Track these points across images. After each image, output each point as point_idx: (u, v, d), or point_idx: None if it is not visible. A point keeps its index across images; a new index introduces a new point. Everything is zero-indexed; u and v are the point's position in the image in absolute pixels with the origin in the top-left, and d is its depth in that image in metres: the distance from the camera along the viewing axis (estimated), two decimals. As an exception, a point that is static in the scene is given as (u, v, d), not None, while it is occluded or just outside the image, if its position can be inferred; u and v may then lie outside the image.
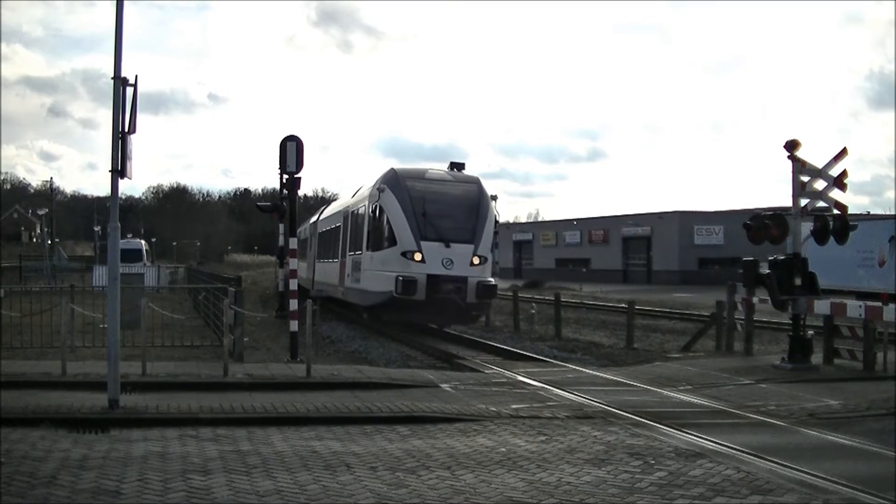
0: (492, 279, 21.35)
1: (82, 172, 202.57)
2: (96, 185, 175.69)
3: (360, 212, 24.34)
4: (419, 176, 22.37)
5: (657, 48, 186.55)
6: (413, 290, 19.89)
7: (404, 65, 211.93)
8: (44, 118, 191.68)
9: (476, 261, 20.78)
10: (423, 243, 20.48)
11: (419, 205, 20.97)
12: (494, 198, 22.42)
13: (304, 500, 6.82)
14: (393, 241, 20.96)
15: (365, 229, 22.88)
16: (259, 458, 8.20)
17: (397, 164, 25.90)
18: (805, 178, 15.73)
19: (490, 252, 21.51)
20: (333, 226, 29.64)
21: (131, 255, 44.94)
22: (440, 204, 21.34)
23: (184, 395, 11.24)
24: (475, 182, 22.67)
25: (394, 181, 21.81)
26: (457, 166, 23.46)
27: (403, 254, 20.57)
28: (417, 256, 20.43)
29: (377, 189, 21.75)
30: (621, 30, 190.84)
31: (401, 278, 19.96)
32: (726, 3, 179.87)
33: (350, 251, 25.06)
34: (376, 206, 21.74)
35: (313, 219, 38.20)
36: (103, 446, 8.58)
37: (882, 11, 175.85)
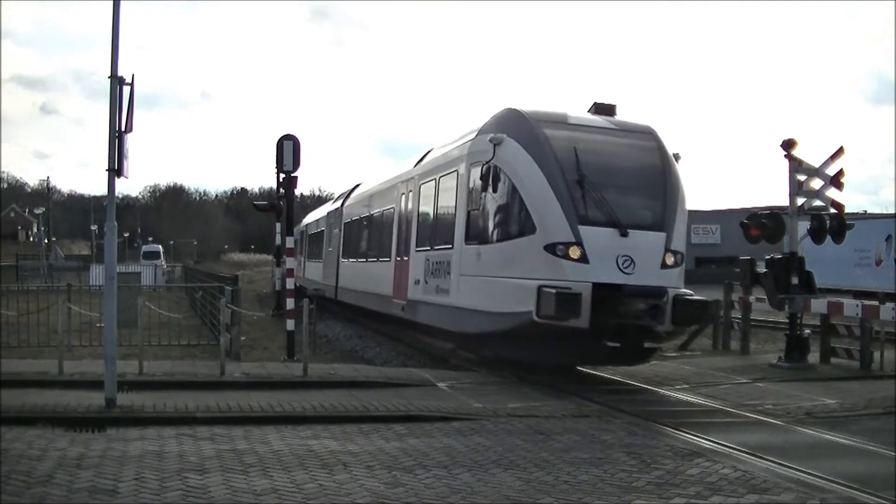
0: (690, 292, 13.20)
1: (75, 171, 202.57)
2: (90, 183, 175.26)
3: (442, 183, 16.09)
4: (559, 121, 13.94)
5: (654, 46, 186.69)
6: (573, 309, 11.90)
7: (400, 63, 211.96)
8: (36, 116, 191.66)
9: (670, 260, 12.93)
10: (582, 229, 12.43)
11: (570, 166, 12.86)
12: (677, 157, 14.11)
13: (301, 499, 6.82)
14: (526, 227, 12.89)
15: (460, 208, 14.59)
16: (256, 457, 8.19)
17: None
18: (802, 177, 15.75)
19: (685, 246, 13.70)
20: (375, 211, 21.72)
21: (153, 255, 63.58)
22: (604, 165, 13.28)
23: (180, 394, 11.23)
24: (650, 133, 14.23)
25: (521, 127, 13.55)
26: (604, 109, 14.75)
27: (549, 247, 12.47)
28: (575, 252, 12.34)
29: (490, 140, 13.45)
30: (619, 28, 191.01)
31: (551, 290, 11.90)
32: (724, 2, 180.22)
33: (419, 245, 16.85)
34: (489, 169, 13.44)
35: (332, 206, 30.66)
36: (100, 445, 8.57)
37: (881, 9, 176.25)
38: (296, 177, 16.56)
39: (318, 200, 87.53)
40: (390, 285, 18.62)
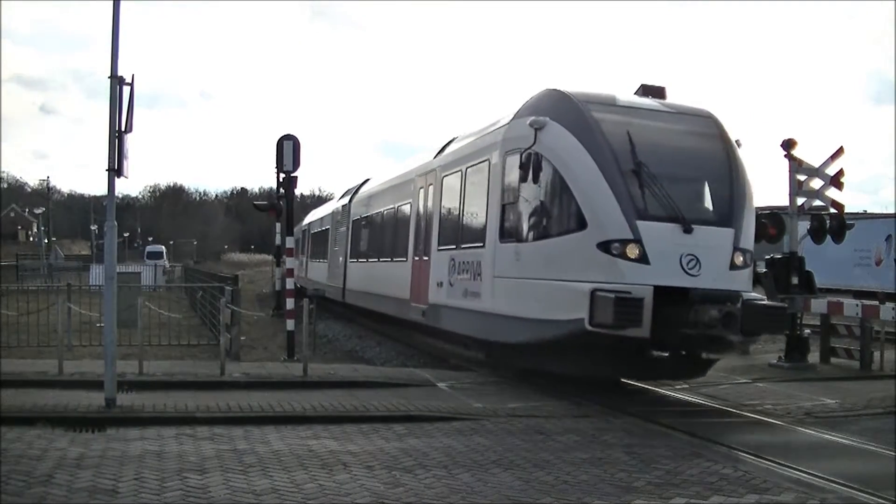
0: (762, 297, 12.29)
1: (75, 171, 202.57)
2: (90, 183, 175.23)
3: (470, 174, 14.60)
4: (608, 103, 12.45)
5: (653, 46, 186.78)
6: (633, 316, 10.37)
7: (400, 63, 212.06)
8: (36, 116, 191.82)
9: (739, 259, 11.41)
10: (641, 225, 10.97)
11: (624, 153, 11.44)
12: (738, 143, 12.59)
13: (301, 499, 6.82)
14: (575, 222, 11.43)
15: (492, 202, 13.26)
16: (256, 457, 8.20)
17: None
18: (802, 177, 15.75)
19: (753, 244, 12.07)
20: (389, 207, 20.23)
21: (156, 255, 67.61)
22: (662, 153, 11.80)
23: (180, 394, 11.23)
24: (710, 117, 12.71)
25: (566, 109, 12.12)
26: (654, 92, 13.18)
27: (603, 245, 11.01)
28: (633, 251, 10.90)
29: (530, 124, 11.98)
30: (621, 28, 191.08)
31: (609, 295, 10.43)
32: (724, 1, 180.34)
33: (442, 244, 15.47)
34: (529, 157, 11.80)
35: (338, 203, 29.11)
36: (100, 445, 8.58)
37: (881, 9, 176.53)
38: (296, 177, 16.65)
39: (318, 200, 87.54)
40: (407, 288, 17.30)
